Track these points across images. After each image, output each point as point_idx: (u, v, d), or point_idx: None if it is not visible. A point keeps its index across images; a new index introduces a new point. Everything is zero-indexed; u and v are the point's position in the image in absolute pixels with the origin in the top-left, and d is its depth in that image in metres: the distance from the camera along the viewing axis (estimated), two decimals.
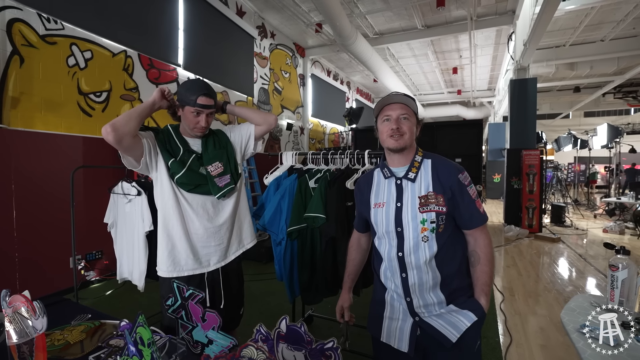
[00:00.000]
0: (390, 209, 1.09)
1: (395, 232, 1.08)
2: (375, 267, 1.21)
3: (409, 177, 1.09)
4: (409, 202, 1.07)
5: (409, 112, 1.08)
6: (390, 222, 1.09)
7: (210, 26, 5.36)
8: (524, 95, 6.15)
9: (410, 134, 1.08)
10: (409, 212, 1.06)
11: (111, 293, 3.28)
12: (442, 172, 1.08)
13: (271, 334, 0.81)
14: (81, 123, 3.44)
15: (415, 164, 1.11)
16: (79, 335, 1.12)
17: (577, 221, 7.05)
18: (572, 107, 13.79)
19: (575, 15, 6.55)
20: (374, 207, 1.14)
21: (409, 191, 1.09)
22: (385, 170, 1.15)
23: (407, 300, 1.09)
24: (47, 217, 3.07)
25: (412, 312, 1.10)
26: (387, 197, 1.12)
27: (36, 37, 3.07)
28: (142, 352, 0.79)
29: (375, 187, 1.17)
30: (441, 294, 1.07)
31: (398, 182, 1.11)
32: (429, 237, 1.05)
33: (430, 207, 1.04)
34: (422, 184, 1.08)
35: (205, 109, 1.35)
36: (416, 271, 1.07)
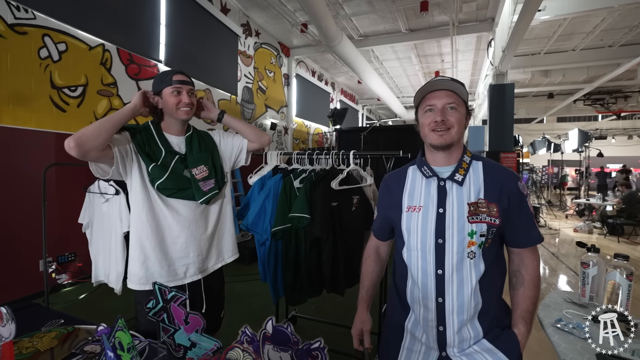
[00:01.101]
0: (430, 215, 0.92)
1: (435, 244, 0.90)
2: (398, 285, 1.02)
3: (455, 179, 0.92)
4: (454, 208, 0.90)
5: (457, 101, 0.91)
6: (429, 231, 0.91)
7: (193, 22, 5.25)
8: (502, 100, 6.36)
9: (459, 127, 0.91)
10: (454, 220, 0.89)
11: (85, 297, 3.14)
12: (499, 178, 0.92)
13: (257, 335, 0.80)
14: (54, 118, 3.28)
15: (463, 164, 0.94)
16: (49, 342, 1.06)
17: (550, 221, 7.36)
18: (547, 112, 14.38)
19: (549, 25, 6.83)
20: (407, 210, 0.95)
21: (453, 196, 0.91)
22: (425, 168, 0.97)
23: (440, 329, 0.91)
24: (15, 218, 2.91)
25: (442, 345, 0.91)
26: (426, 200, 0.94)
27: (4, 25, 2.90)
28: (121, 357, 0.76)
29: (409, 187, 0.98)
30: (479, 326, 0.90)
31: (441, 184, 0.93)
32: (476, 253, 0.88)
33: (481, 217, 0.88)
34: (472, 188, 0.91)
35: (184, 84, 1.28)
36: (457, 295, 0.89)
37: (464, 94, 0.93)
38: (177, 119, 1.31)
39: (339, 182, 1.88)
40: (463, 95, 0.92)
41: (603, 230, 6.13)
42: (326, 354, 0.74)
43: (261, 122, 7.37)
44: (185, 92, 1.28)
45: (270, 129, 7.61)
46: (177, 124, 1.34)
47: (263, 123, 7.43)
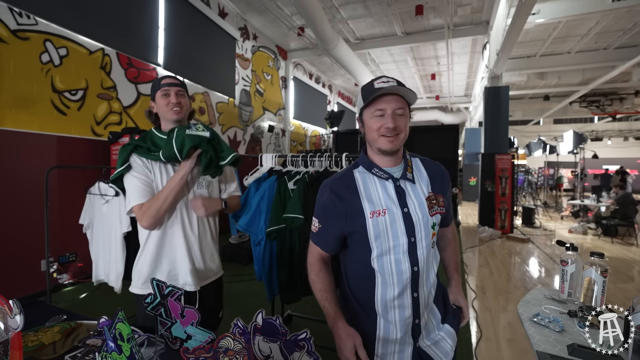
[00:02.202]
0: (397, 216, 0.91)
1: (408, 244, 0.91)
2: (359, 296, 0.98)
3: (408, 178, 0.95)
4: (416, 205, 0.93)
5: (404, 106, 0.92)
6: (400, 231, 0.91)
7: (191, 26, 5.32)
8: (497, 102, 6.44)
9: (406, 132, 0.94)
10: (419, 217, 0.92)
11: (86, 296, 3.19)
12: (438, 172, 1.02)
13: (248, 327, 0.86)
14: (55, 121, 3.34)
15: (409, 162, 0.99)
16: (53, 335, 1.12)
17: (545, 222, 7.43)
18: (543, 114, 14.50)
19: (544, 28, 6.92)
20: (372, 216, 0.91)
21: (410, 193, 0.94)
22: (376, 170, 0.95)
23: (416, 322, 0.95)
24: (17, 219, 2.96)
25: (415, 337, 0.96)
26: (387, 203, 0.92)
27: (7, 31, 2.97)
28: (122, 347, 0.81)
29: (364, 192, 0.95)
30: (437, 310, 1.00)
31: (397, 184, 0.95)
32: (434, 242, 0.97)
33: (435, 209, 0.95)
34: (422, 184, 0.97)
35: (171, 86, 1.33)
36: (426, 285, 0.95)
37: (411, 98, 0.93)
38: (169, 119, 1.36)
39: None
40: (410, 100, 0.93)
41: (597, 231, 6.20)
42: (312, 344, 0.80)
43: (259, 125, 7.43)
44: (173, 93, 1.33)
45: (268, 131, 7.68)
46: (172, 124, 1.37)
47: (261, 125, 7.50)
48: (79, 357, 1.00)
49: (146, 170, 1.29)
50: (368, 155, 1.00)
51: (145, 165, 1.29)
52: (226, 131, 6.32)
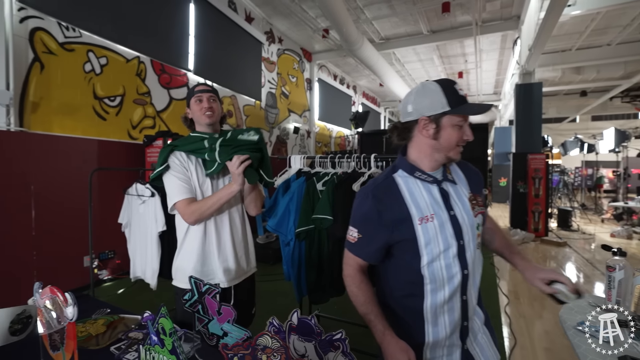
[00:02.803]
0: (445, 221, 0.90)
1: (457, 247, 0.90)
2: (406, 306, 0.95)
3: (449, 179, 0.95)
4: (461, 207, 0.93)
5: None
6: (449, 236, 0.90)
7: (219, 32, 5.49)
8: (530, 100, 6.16)
9: None
10: (465, 219, 0.91)
11: (123, 291, 3.37)
12: (472, 172, 1.02)
13: (283, 326, 0.87)
14: (96, 126, 3.56)
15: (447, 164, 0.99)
16: (100, 327, 1.19)
17: (584, 225, 7.01)
18: (579, 110, 13.71)
19: (581, 20, 6.55)
20: (420, 222, 0.89)
21: (453, 195, 0.94)
22: (420, 174, 0.93)
23: (464, 324, 0.94)
24: (62, 217, 3.17)
25: (464, 339, 0.96)
26: (434, 207, 0.91)
27: (56, 44, 3.20)
28: (164, 341, 0.85)
29: (409, 198, 0.91)
30: (480, 311, 1.00)
31: (442, 187, 0.94)
32: (479, 242, 0.96)
33: (477, 209, 0.95)
34: (462, 185, 0.97)
35: (204, 92, 1.42)
36: (473, 288, 0.94)
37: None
38: (203, 123, 1.44)
39: (360, 184, 1.93)
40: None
41: None
42: (347, 345, 0.80)
43: (284, 126, 7.53)
44: (206, 98, 1.42)
45: (293, 133, 7.77)
46: (206, 128, 1.46)
47: (286, 127, 7.60)
48: (122, 348, 1.06)
49: (183, 168, 1.36)
50: (408, 158, 0.96)
51: (182, 165, 1.37)
52: None
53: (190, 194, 1.34)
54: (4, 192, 2.73)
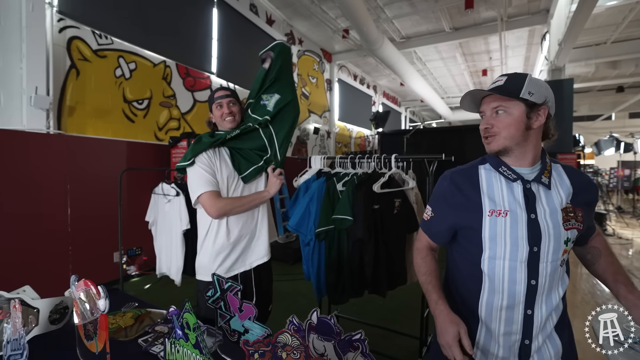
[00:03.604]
0: (520, 221, 0.84)
1: (529, 253, 0.83)
2: (464, 295, 0.94)
3: (543, 182, 0.86)
4: (547, 214, 0.84)
5: (505, 104, 0.84)
6: (522, 237, 0.83)
7: (241, 35, 5.60)
8: (560, 97, 5.88)
9: (509, 131, 0.85)
10: (549, 227, 0.83)
11: (149, 287, 3.50)
12: (584, 183, 0.89)
13: (303, 324, 0.89)
14: (125, 128, 3.73)
15: (547, 167, 0.89)
16: (128, 320, 1.25)
17: (620, 230, 6.62)
18: (615, 107, 12.95)
19: (617, 11, 6.20)
20: (490, 214, 0.86)
21: (543, 200, 0.85)
22: (504, 169, 0.88)
23: (526, 342, 0.86)
24: (94, 215, 3.34)
25: (523, 357, 0.87)
26: (512, 204, 0.86)
27: (90, 51, 3.40)
28: (188, 335, 0.89)
29: (486, 188, 0.89)
30: (558, 340, 0.88)
31: (527, 187, 0.86)
32: (564, 260, 0.86)
33: (571, 222, 0.84)
34: (561, 193, 0.86)
35: (223, 98, 1.48)
36: (546, 306, 0.85)
37: (516, 90, 0.82)
38: (225, 128, 1.51)
39: (380, 185, 1.92)
40: (514, 94, 0.82)
41: None
42: (367, 345, 0.80)
43: (304, 127, 7.58)
44: (225, 103, 1.48)
45: (313, 134, 7.80)
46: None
47: (306, 128, 7.65)
48: (149, 341, 1.11)
49: (211, 163, 1.42)
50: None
51: (210, 159, 1.42)
52: None
53: (216, 187, 1.38)
54: (44, 191, 2.91)
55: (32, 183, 2.82)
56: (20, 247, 2.73)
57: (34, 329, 1.12)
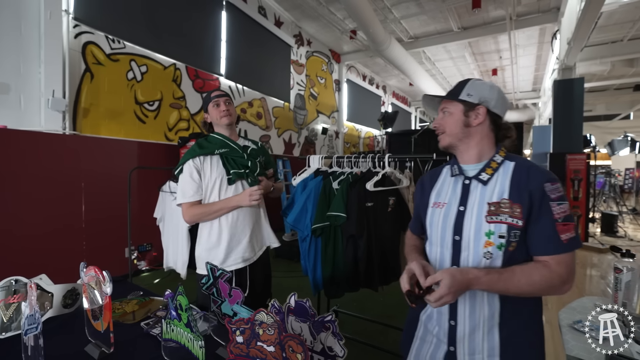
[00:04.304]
0: (451, 212, 0.93)
1: (452, 241, 0.91)
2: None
3: (480, 178, 0.92)
4: (475, 207, 0.89)
5: (449, 105, 0.96)
6: (448, 227, 0.92)
7: (250, 37, 5.73)
8: (570, 97, 5.79)
9: (452, 129, 0.95)
10: (472, 219, 0.89)
11: (159, 281, 3.66)
12: (525, 177, 0.87)
13: (282, 307, 0.98)
14: (137, 129, 3.90)
15: (492, 164, 0.92)
16: (133, 306, 1.37)
17: (633, 232, 6.46)
18: (634, 106, 12.55)
19: (634, 7, 6.04)
20: (432, 206, 0.99)
21: (477, 195, 0.91)
22: (455, 167, 0.99)
23: (451, 323, 0.92)
24: (107, 212, 3.52)
25: (452, 340, 0.92)
26: (450, 198, 0.96)
27: (103, 56, 3.57)
28: (181, 315, 0.99)
29: (439, 185, 1.02)
30: (496, 339, 0.87)
31: (466, 182, 0.94)
32: (493, 254, 0.85)
33: (502, 217, 0.84)
34: (497, 188, 0.89)
35: (221, 97, 1.57)
36: (468, 293, 0.88)
37: (457, 94, 0.94)
38: (222, 124, 1.60)
39: (374, 183, 1.99)
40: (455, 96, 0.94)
41: None
42: (336, 326, 0.89)
43: (313, 127, 7.67)
44: (223, 102, 1.58)
45: (322, 134, 7.88)
46: (225, 129, 1.62)
47: (315, 128, 7.74)
48: (151, 324, 1.22)
49: (197, 169, 1.53)
50: None
51: (196, 167, 1.53)
52: (282, 134, 6.66)
53: (195, 196, 1.51)
54: (61, 189, 3.10)
55: (50, 181, 3.01)
56: (38, 240, 2.92)
57: (48, 311, 1.25)
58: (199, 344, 0.88)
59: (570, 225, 0.82)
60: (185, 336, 0.97)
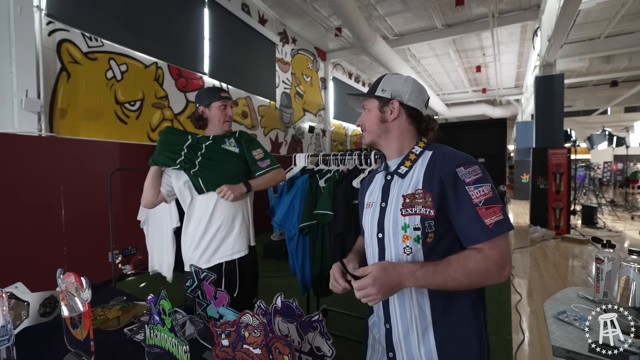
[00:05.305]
0: (376, 210, 0.91)
1: (377, 239, 0.89)
2: None
3: (398, 172, 0.90)
4: (394, 202, 0.87)
5: (367, 103, 0.97)
6: (374, 225, 0.90)
7: (233, 35, 5.65)
8: (551, 93, 5.95)
9: (371, 126, 0.95)
10: (391, 214, 0.86)
11: (144, 285, 3.58)
12: (438, 164, 0.84)
13: (269, 308, 0.96)
14: (118, 130, 3.79)
15: (410, 156, 0.90)
16: (116, 312, 1.33)
17: (611, 223, 6.70)
18: (610, 102, 12.99)
19: (610, 5, 6.24)
20: (365, 207, 0.98)
21: (396, 189, 0.88)
22: (382, 163, 1.00)
23: (387, 326, 0.88)
24: (89, 216, 3.40)
25: (389, 345, 0.88)
26: (377, 196, 0.94)
27: (80, 54, 3.45)
28: (164, 320, 0.96)
29: (372, 184, 1.00)
30: (432, 340, 0.82)
31: (388, 178, 0.92)
32: (412, 248, 0.82)
33: (415, 208, 0.82)
34: (413, 180, 0.86)
35: (229, 100, 1.58)
36: (398, 296, 0.85)
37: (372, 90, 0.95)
38: (222, 130, 1.60)
39: (360, 181, 1.99)
40: (371, 94, 0.94)
41: None
42: (324, 325, 0.88)
43: (299, 126, 7.64)
44: (229, 107, 1.58)
45: (308, 132, 7.86)
46: (222, 133, 1.62)
47: (301, 126, 7.70)
48: (134, 330, 1.18)
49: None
50: None
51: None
52: (268, 133, 6.61)
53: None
54: (38, 193, 2.98)
55: (26, 185, 2.88)
56: (16, 247, 2.80)
57: (24, 320, 1.20)
58: (184, 349, 0.85)
59: (494, 208, 0.76)
60: (169, 341, 0.94)
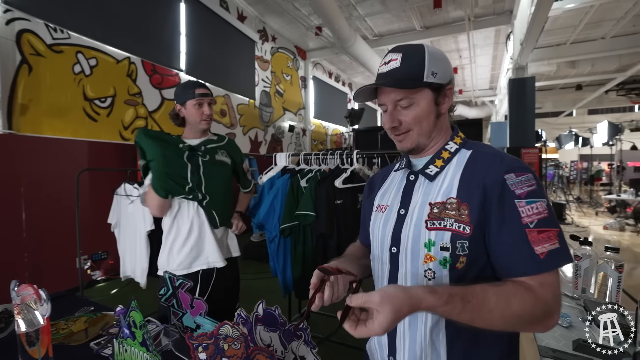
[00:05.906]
0: (391, 217, 0.72)
1: (389, 253, 0.70)
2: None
3: (427, 172, 0.70)
4: (416, 210, 0.67)
5: (409, 95, 0.67)
6: (387, 235, 0.71)
7: (211, 31, 5.49)
8: (523, 94, 6.18)
9: (421, 125, 0.69)
10: (411, 225, 0.67)
11: (116, 292, 3.40)
12: (480, 167, 0.64)
13: (250, 317, 0.90)
14: (87, 128, 3.58)
15: (443, 154, 0.70)
16: (81, 324, 1.22)
17: (578, 219, 7.04)
18: (576, 104, 13.71)
19: (575, 13, 6.55)
20: (375, 210, 0.78)
21: (420, 193, 0.69)
22: (405, 160, 0.78)
23: (391, 359, 0.71)
24: (55, 219, 3.20)
25: None
26: (393, 198, 0.74)
27: (44, 46, 3.21)
28: (135, 333, 0.88)
29: (387, 184, 0.80)
30: None
31: (411, 178, 0.73)
32: (436, 272, 0.62)
33: (446, 222, 0.62)
34: (445, 184, 0.66)
35: (205, 97, 1.42)
36: (409, 323, 0.66)
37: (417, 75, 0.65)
38: (200, 129, 1.47)
39: (342, 180, 1.96)
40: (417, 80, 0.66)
41: (638, 227, 5.81)
42: (309, 334, 0.83)
43: (279, 125, 7.55)
44: (207, 104, 1.44)
45: (289, 131, 7.78)
46: (199, 133, 1.50)
47: (281, 125, 7.61)
48: (102, 344, 1.09)
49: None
50: None
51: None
52: (247, 132, 6.48)
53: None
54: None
55: None
56: None
57: None
58: None
59: (549, 233, 0.56)
60: (140, 356, 0.87)
